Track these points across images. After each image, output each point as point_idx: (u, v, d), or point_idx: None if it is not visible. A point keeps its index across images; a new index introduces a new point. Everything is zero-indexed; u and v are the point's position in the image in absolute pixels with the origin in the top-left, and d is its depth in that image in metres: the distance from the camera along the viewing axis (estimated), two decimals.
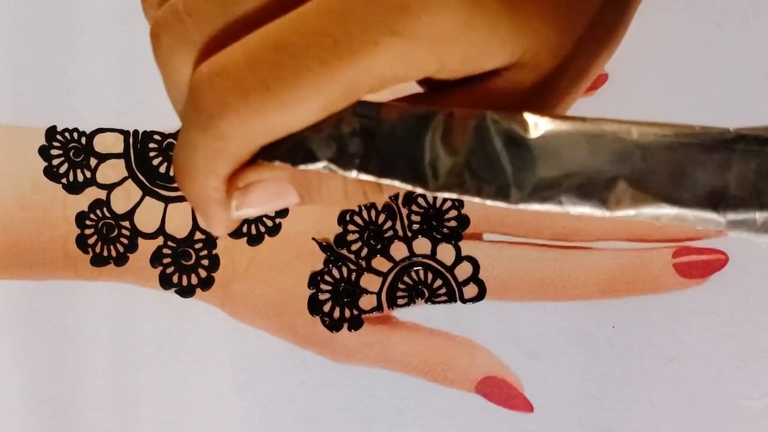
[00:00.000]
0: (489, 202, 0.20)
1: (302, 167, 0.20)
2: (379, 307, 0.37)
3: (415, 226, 0.38)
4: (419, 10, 0.19)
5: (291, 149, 0.20)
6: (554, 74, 0.21)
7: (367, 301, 0.37)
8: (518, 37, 0.20)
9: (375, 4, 0.19)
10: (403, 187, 0.20)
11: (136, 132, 0.38)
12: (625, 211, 0.19)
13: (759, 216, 0.19)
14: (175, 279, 0.38)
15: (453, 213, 0.38)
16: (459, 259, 0.37)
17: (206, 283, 0.38)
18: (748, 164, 0.19)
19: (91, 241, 0.38)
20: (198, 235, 0.38)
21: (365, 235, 0.38)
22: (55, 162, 0.38)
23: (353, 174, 0.20)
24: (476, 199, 0.20)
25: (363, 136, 0.20)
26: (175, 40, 0.20)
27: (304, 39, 0.19)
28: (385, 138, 0.20)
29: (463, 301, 0.37)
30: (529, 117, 0.20)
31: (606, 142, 0.19)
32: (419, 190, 0.20)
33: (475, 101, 0.21)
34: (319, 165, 0.20)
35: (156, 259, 0.38)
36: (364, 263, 0.38)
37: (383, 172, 0.20)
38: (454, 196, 0.20)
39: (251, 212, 0.21)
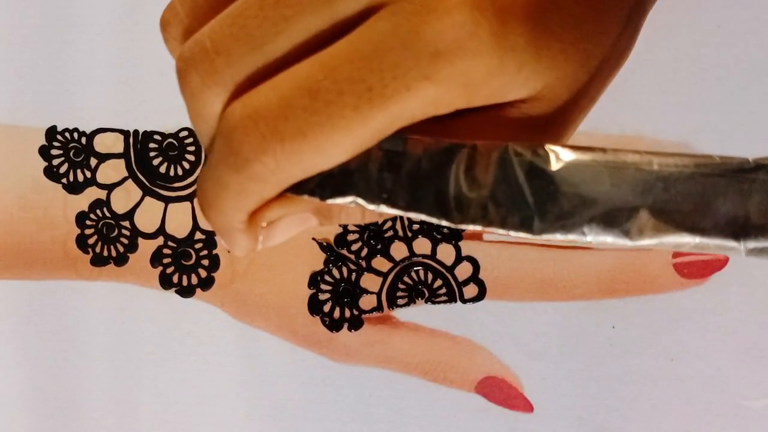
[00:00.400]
0: (513, 234, 0.20)
1: (330, 201, 0.20)
2: (379, 307, 0.37)
3: (415, 226, 0.38)
4: (452, 56, 0.19)
5: (320, 185, 0.20)
6: (567, 105, 0.22)
7: (367, 301, 0.37)
8: (540, 74, 0.20)
9: (407, 49, 0.19)
10: (428, 219, 0.20)
11: (136, 132, 0.38)
12: (647, 241, 0.20)
13: None
14: (175, 279, 0.38)
15: None
16: (459, 259, 0.37)
17: (206, 283, 0.38)
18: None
19: (91, 241, 0.38)
20: (198, 235, 0.38)
21: (365, 235, 0.38)
22: (56, 162, 0.38)
23: (381, 208, 0.20)
24: (501, 231, 0.20)
25: (389, 171, 0.20)
26: (205, 79, 0.20)
27: (338, 85, 0.19)
28: (410, 172, 0.20)
29: (463, 301, 0.37)
30: (550, 148, 0.20)
31: (628, 173, 0.20)
32: (444, 223, 0.20)
33: (488, 129, 0.21)
34: (347, 200, 0.20)
35: (156, 259, 0.38)
36: (364, 263, 0.38)
37: (409, 206, 0.20)
38: (479, 228, 0.20)
39: (276, 242, 0.22)
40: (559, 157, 0.20)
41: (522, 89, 0.20)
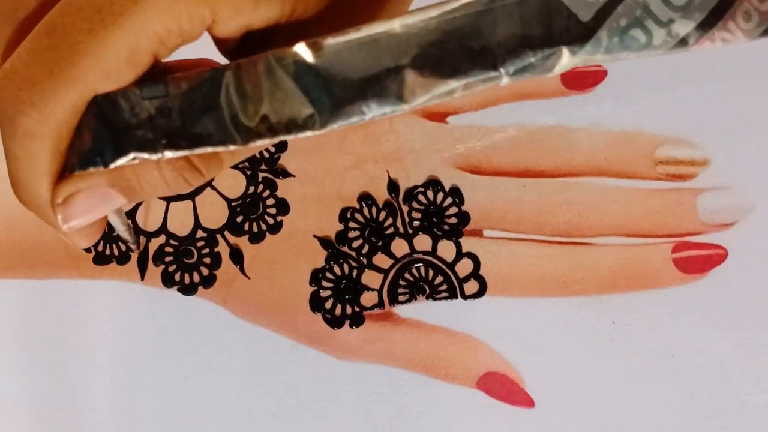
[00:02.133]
0: (301, 135, 0.20)
1: (113, 165, 0.21)
2: (380, 304, 0.37)
3: (416, 223, 0.38)
4: None
5: (99, 153, 0.21)
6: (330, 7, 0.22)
7: (368, 298, 0.37)
8: None
9: None
10: (217, 150, 0.21)
11: None
12: (420, 99, 0.21)
13: (534, 58, 0.20)
14: (177, 277, 0.38)
15: (454, 210, 0.38)
16: (460, 255, 0.37)
17: (208, 281, 0.38)
18: (511, 17, 0.20)
19: None
20: (200, 233, 0.38)
21: (366, 232, 0.38)
22: None
23: (166, 155, 0.21)
24: (290, 137, 0.20)
25: (160, 116, 0.21)
26: None
27: (71, 17, 0.20)
28: (181, 111, 0.21)
29: (464, 297, 0.37)
30: (307, 44, 0.20)
31: (382, 43, 0.20)
32: (232, 148, 0.21)
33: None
34: (129, 157, 0.21)
35: (158, 257, 0.38)
36: (365, 260, 0.38)
37: (193, 143, 0.21)
38: (267, 142, 0.21)
39: (80, 222, 0.22)
40: (317, 49, 0.20)
41: (272, 4, 0.21)
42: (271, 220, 0.38)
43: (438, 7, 0.21)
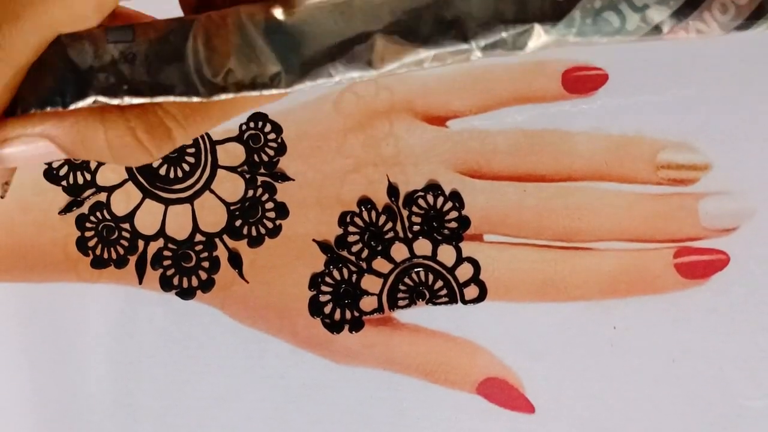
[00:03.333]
0: (266, 93, 0.20)
1: (73, 106, 0.21)
2: (379, 309, 0.37)
3: (416, 228, 0.38)
4: None
5: (59, 92, 0.21)
6: None
7: (368, 303, 0.37)
8: None
9: None
10: (178, 99, 0.21)
11: None
12: (389, 66, 0.21)
13: (506, 34, 0.20)
14: (175, 281, 0.38)
15: (454, 214, 0.38)
16: (460, 260, 0.37)
17: (207, 285, 0.38)
18: None
19: (91, 243, 0.38)
20: (198, 237, 0.38)
21: (366, 237, 0.38)
22: (55, 164, 0.38)
23: (125, 100, 0.21)
24: (254, 93, 0.21)
25: (124, 62, 0.21)
26: None
27: None
28: (146, 58, 0.21)
29: (464, 302, 0.37)
30: (278, 1, 0.21)
31: (355, 7, 0.21)
32: (195, 99, 0.20)
33: None
34: (89, 100, 0.21)
35: (156, 261, 0.38)
36: (364, 265, 0.37)
37: (155, 91, 0.21)
38: (231, 95, 0.21)
39: (8, 164, 0.22)
40: (290, 6, 0.20)
41: None
42: (270, 224, 0.38)
43: None
